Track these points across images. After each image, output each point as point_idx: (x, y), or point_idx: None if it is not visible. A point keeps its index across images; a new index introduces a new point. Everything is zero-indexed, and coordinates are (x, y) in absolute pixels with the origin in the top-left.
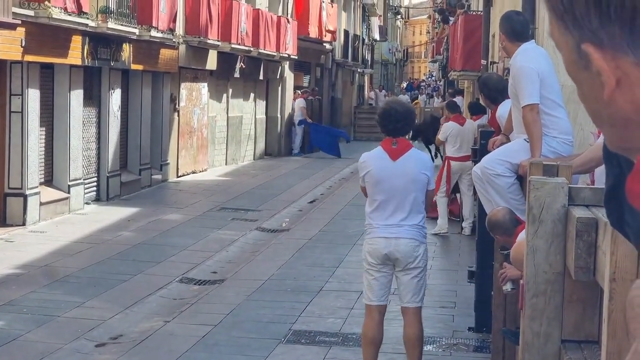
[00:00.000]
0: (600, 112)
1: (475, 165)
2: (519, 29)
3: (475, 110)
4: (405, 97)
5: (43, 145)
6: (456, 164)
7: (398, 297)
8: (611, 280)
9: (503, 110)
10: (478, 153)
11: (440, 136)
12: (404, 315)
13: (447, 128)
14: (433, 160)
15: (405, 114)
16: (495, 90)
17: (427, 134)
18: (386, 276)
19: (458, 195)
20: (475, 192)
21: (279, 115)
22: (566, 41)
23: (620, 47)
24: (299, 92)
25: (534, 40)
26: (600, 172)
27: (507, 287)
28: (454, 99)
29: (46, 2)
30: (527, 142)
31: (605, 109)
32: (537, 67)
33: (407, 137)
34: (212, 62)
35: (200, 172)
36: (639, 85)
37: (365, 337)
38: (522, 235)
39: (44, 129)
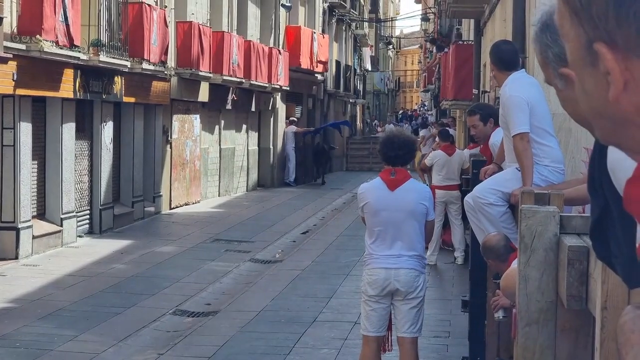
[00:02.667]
0: (600, 110)
1: (466, 194)
2: (508, 58)
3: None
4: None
5: (35, 178)
6: (441, 192)
7: (395, 327)
8: (602, 308)
9: (495, 139)
10: (470, 182)
11: (427, 161)
12: (400, 346)
13: (435, 156)
14: None
15: (406, 143)
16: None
17: None
18: (385, 308)
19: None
20: (464, 221)
21: (271, 147)
22: (577, 36)
23: (633, 50)
24: (287, 121)
25: (524, 69)
26: None
27: (499, 314)
28: (447, 128)
29: (38, 36)
30: (519, 170)
31: (607, 108)
32: (526, 96)
33: (407, 167)
34: (204, 94)
35: (193, 203)
36: None
37: None
38: (513, 265)
39: (36, 162)
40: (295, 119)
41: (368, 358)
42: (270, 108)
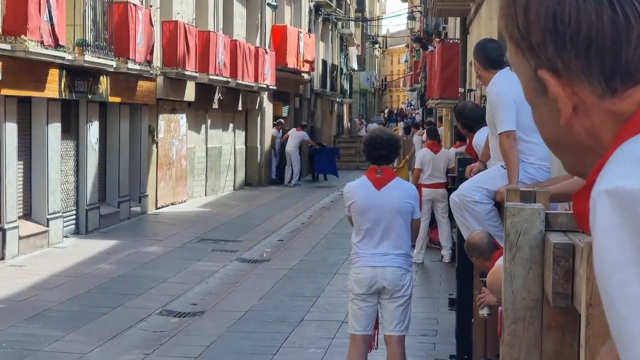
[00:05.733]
0: (556, 138)
1: (452, 192)
2: (493, 56)
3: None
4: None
5: (21, 178)
6: (428, 191)
7: (382, 325)
8: (588, 305)
9: (479, 137)
10: (456, 180)
11: (416, 164)
12: (387, 344)
13: (421, 154)
14: None
15: (390, 142)
16: (471, 118)
17: None
18: (372, 306)
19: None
20: (451, 219)
21: (258, 146)
22: (524, 67)
23: (576, 75)
24: (275, 122)
25: (509, 67)
26: None
27: (484, 312)
28: (434, 127)
29: (23, 36)
30: (504, 168)
31: (562, 135)
32: (512, 93)
33: (392, 165)
34: (190, 94)
35: (179, 203)
36: (595, 111)
37: None
38: (499, 262)
39: (21, 162)
40: (282, 121)
41: (355, 357)
42: (257, 107)
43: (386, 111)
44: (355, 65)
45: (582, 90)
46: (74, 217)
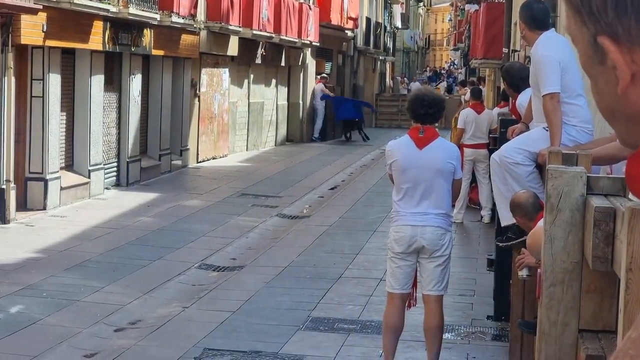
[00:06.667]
0: (613, 107)
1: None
2: (539, 17)
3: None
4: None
5: (64, 130)
6: (469, 151)
7: (420, 284)
8: (628, 270)
9: (523, 98)
10: (498, 141)
11: (459, 124)
12: (426, 303)
13: (464, 114)
14: None
15: (436, 101)
16: (518, 78)
17: None
18: (410, 265)
19: None
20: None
21: (300, 102)
22: (582, 35)
23: (636, 41)
24: (319, 77)
25: (554, 29)
26: (621, 162)
27: (523, 273)
28: (479, 87)
29: None
30: (547, 130)
31: (618, 105)
32: (558, 55)
33: (436, 125)
34: (233, 48)
35: (220, 157)
36: None
37: (387, 325)
38: (540, 223)
39: (64, 114)
40: (326, 75)
41: (392, 315)
42: (300, 63)
43: (428, 70)
44: (399, 23)
45: None
46: (115, 169)
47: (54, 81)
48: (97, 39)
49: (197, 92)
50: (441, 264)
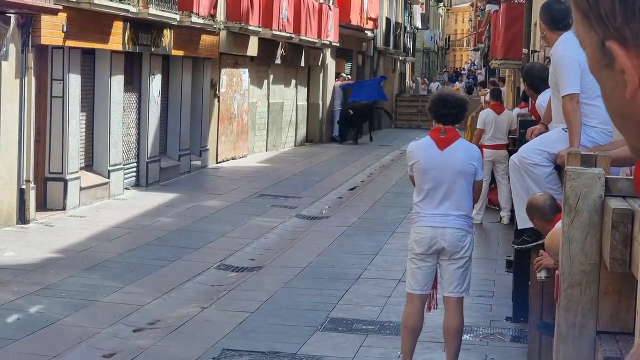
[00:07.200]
0: (622, 112)
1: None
2: (559, 17)
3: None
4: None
5: (84, 130)
6: (489, 152)
7: (440, 286)
8: None
9: (542, 99)
10: (517, 142)
11: (478, 125)
12: (446, 305)
13: (484, 115)
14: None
15: (459, 102)
16: (538, 79)
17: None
18: (430, 266)
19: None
20: None
21: (320, 102)
22: (590, 39)
23: None
24: (343, 75)
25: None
26: None
27: (542, 274)
28: (499, 87)
29: None
30: (566, 131)
31: (627, 108)
32: (578, 56)
33: (456, 126)
34: (253, 48)
35: (240, 158)
36: None
37: (405, 325)
38: (558, 225)
39: (84, 114)
40: (346, 76)
41: (411, 315)
42: (320, 64)
43: (449, 69)
44: (419, 24)
45: None
46: (135, 169)
47: (74, 81)
48: (117, 39)
49: (217, 92)
50: (462, 266)
